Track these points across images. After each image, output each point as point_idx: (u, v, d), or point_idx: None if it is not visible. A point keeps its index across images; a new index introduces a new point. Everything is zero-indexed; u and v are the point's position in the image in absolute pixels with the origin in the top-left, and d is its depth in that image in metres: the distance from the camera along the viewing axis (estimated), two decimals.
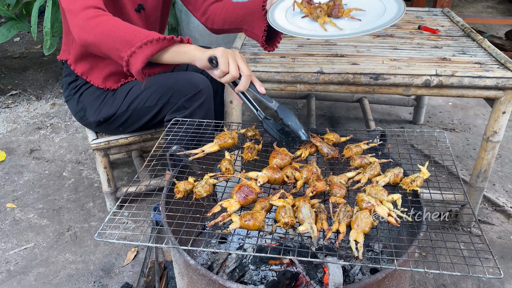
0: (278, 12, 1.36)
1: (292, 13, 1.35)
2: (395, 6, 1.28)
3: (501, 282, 1.70)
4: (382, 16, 1.26)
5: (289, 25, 1.29)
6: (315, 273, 1.28)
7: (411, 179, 1.10)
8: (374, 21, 1.25)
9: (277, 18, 1.32)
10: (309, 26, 1.30)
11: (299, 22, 1.32)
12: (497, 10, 5.39)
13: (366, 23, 1.26)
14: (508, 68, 1.62)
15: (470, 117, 2.94)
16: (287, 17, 1.34)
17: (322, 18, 1.29)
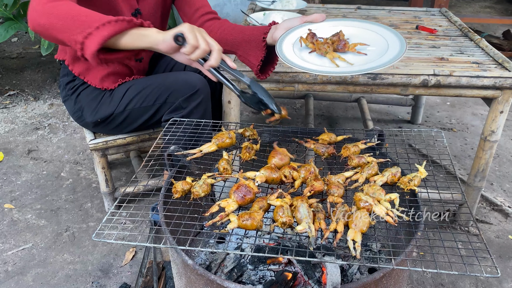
0: (286, 46, 1.32)
1: (299, 48, 1.33)
2: (396, 40, 1.29)
3: (499, 281, 1.70)
4: (386, 50, 1.27)
5: (300, 61, 1.26)
6: (313, 273, 1.28)
7: (408, 178, 1.10)
8: (380, 55, 1.25)
9: (286, 52, 1.29)
10: (319, 61, 1.28)
11: (307, 57, 1.30)
12: (495, 10, 5.41)
13: (372, 57, 1.26)
14: (505, 68, 1.63)
15: (468, 116, 2.95)
16: (295, 51, 1.31)
17: (331, 53, 1.28)
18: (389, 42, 1.31)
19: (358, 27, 1.40)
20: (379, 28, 1.38)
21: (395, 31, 1.35)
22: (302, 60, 1.26)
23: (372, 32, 1.37)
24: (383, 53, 1.26)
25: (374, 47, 1.30)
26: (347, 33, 1.35)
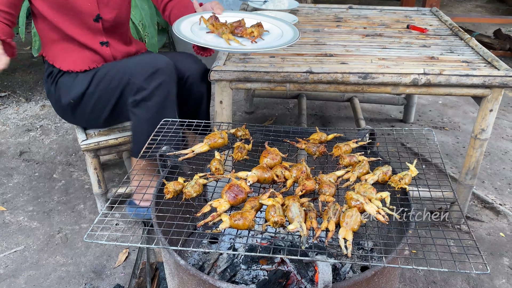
0: (184, 24, 1.51)
1: (198, 27, 1.53)
2: (291, 32, 1.51)
3: (491, 278, 1.71)
4: (280, 39, 1.48)
5: (193, 36, 1.44)
6: (306, 272, 1.28)
7: (399, 177, 1.11)
8: (272, 42, 1.46)
9: (183, 29, 1.47)
10: (214, 40, 1.46)
11: (204, 36, 1.49)
12: (485, 9, 5.45)
13: (265, 43, 1.46)
14: (494, 67, 1.64)
15: (459, 115, 2.97)
16: (192, 30, 1.50)
17: (227, 34, 1.45)
18: (284, 32, 1.52)
19: (262, 21, 1.61)
20: (277, 22, 1.59)
21: (291, 25, 1.56)
22: (196, 36, 1.45)
23: (272, 25, 1.57)
24: (276, 39, 1.48)
25: (269, 36, 1.51)
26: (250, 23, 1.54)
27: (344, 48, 1.85)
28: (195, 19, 1.56)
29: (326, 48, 1.86)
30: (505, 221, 2.01)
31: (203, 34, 1.49)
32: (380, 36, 2.01)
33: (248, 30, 1.47)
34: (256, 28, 1.47)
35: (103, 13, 1.68)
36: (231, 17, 1.59)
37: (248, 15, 1.64)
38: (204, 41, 1.42)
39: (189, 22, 1.54)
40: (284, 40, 1.45)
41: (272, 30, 1.54)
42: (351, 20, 2.25)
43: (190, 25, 1.52)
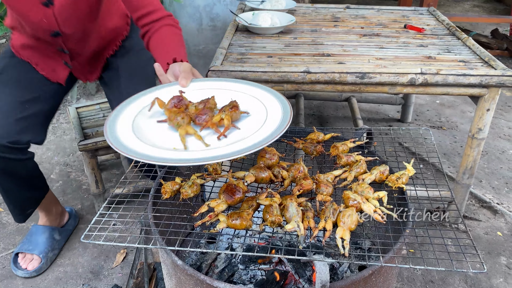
0: (129, 111, 1.10)
1: (148, 115, 1.10)
2: (278, 111, 1.07)
3: (488, 277, 1.72)
4: (260, 127, 1.03)
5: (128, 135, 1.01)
6: (304, 272, 1.29)
7: (396, 176, 1.11)
8: (250, 132, 1.02)
9: (121, 122, 1.06)
10: (162, 138, 1.03)
11: (148, 131, 1.05)
12: (483, 8, 5.46)
13: (236, 138, 1.02)
14: (491, 66, 1.65)
15: (457, 115, 2.98)
16: (136, 122, 1.06)
17: (184, 128, 1.02)
18: (269, 110, 1.08)
19: (242, 92, 1.17)
20: (263, 92, 1.15)
21: (280, 96, 1.13)
22: (134, 135, 1.02)
23: (256, 100, 1.14)
24: (255, 130, 1.02)
25: (247, 123, 1.06)
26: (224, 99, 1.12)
27: (342, 48, 1.85)
28: (152, 96, 1.15)
29: (324, 48, 1.86)
30: (503, 220, 2.01)
31: (152, 124, 1.08)
32: (378, 36, 2.01)
33: (215, 118, 1.03)
34: (227, 114, 1.03)
35: None
36: (203, 90, 1.18)
37: (227, 84, 1.23)
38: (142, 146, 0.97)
39: (138, 106, 1.14)
40: (267, 130, 1.00)
41: (254, 108, 1.12)
42: (349, 20, 2.26)
43: (138, 110, 1.11)
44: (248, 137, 0.99)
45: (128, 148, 0.97)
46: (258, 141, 0.97)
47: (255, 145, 0.95)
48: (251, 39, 1.95)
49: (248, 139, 0.99)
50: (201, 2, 2.95)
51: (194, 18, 3.00)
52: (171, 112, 1.06)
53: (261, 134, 1.00)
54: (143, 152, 0.95)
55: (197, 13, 2.98)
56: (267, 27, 1.98)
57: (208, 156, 0.94)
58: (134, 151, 0.95)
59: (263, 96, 1.16)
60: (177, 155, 0.96)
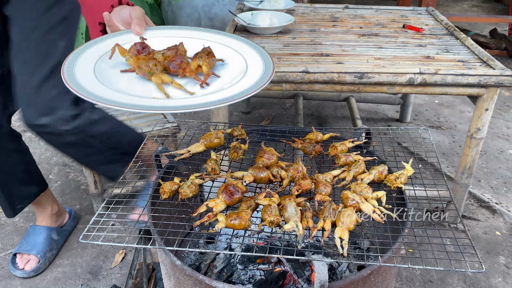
0: (86, 58, 0.95)
1: (110, 61, 0.96)
2: (258, 60, 1.00)
3: (487, 276, 1.72)
4: (243, 75, 0.95)
5: (98, 85, 0.87)
6: (303, 272, 1.28)
7: (395, 176, 1.11)
8: (232, 81, 0.95)
9: (81, 69, 0.91)
10: (135, 87, 0.91)
11: (117, 79, 0.92)
12: (481, 8, 5.47)
13: (221, 87, 0.94)
14: (490, 66, 1.65)
15: (455, 114, 2.98)
16: (97, 68, 0.92)
17: (157, 76, 0.91)
18: (248, 62, 1.00)
19: (210, 41, 1.05)
20: (238, 44, 1.06)
21: (259, 48, 1.04)
22: (102, 85, 0.88)
23: (229, 49, 1.05)
24: (237, 78, 0.94)
25: (226, 72, 0.98)
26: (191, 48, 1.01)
27: (340, 48, 1.85)
28: (105, 46, 1.00)
29: (322, 47, 1.86)
30: (501, 220, 2.02)
31: (116, 74, 0.95)
32: (376, 36, 2.01)
33: (192, 65, 0.94)
34: (204, 60, 0.95)
35: None
36: (161, 38, 1.05)
37: (188, 32, 1.10)
38: (116, 94, 0.86)
39: (95, 52, 0.97)
40: (252, 77, 0.93)
41: (229, 58, 1.04)
42: (347, 20, 2.26)
43: (96, 58, 0.97)
44: (233, 85, 0.91)
45: (107, 98, 0.83)
46: (248, 86, 0.89)
47: (247, 90, 0.87)
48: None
49: (235, 86, 0.90)
50: (199, 2, 2.95)
51: (193, 18, 3.00)
52: (140, 59, 0.93)
53: (248, 80, 0.91)
54: (124, 101, 0.83)
55: (196, 13, 2.98)
56: (265, 27, 1.98)
57: (199, 102, 0.84)
58: (114, 100, 0.82)
59: (234, 44, 1.07)
60: (162, 103, 0.85)
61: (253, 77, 0.93)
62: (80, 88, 0.84)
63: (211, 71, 0.96)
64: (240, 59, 1.02)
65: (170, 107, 0.85)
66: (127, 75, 0.94)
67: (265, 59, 1.01)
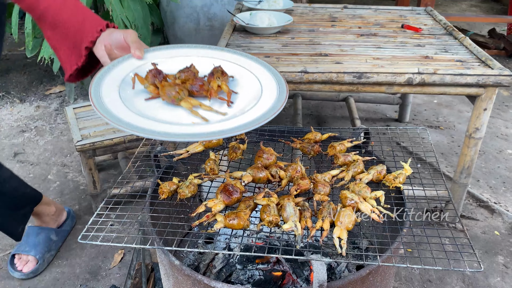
0: (107, 87, 0.95)
1: (130, 91, 0.96)
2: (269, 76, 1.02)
3: (485, 276, 1.72)
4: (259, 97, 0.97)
5: (134, 117, 0.87)
6: (302, 271, 1.29)
7: (393, 176, 1.11)
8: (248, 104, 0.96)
9: (110, 101, 0.91)
10: (169, 114, 0.91)
11: (144, 107, 0.92)
12: (480, 8, 5.47)
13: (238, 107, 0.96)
14: (488, 66, 1.65)
15: (454, 114, 2.98)
16: (123, 97, 0.92)
17: (187, 101, 0.92)
18: (262, 82, 1.02)
19: (216, 58, 1.06)
20: (249, 63, 1.07)
21: (270, 67, 1.06)
22: (137, 115, 0.88)
23: (239, 67, 1.06)
24: (255, 101, 0.96)
25: (241, 92, 1.00)
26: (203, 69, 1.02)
27: (339, 48, 1.85)
28: (119, 74, 1.00)
29: (321, 47, 1.86)
30: (500, 220, 2.02)
31: (141, 102, 0.95)
32: (375, 36, 2.01)
33: (214, 85, 0.97)
34: (222, 79, 0.99)
35: None
36: (162, 59, 1.06)
37: (187, 51, 1.11)
38: (164, 125, 0.87)
39: (112, 80, 0.97)
40: (270, 94, 0.98)
41: (239, 75, 1.06)
42: (346, 20, 2.26)
43: (117, 86, 0.96)
44: (256, 104, 0.94)
45: (152, 130, 0.83)
46: (272, 103, 0.93)
47: (274, 107, 0.91)
48: (248, 39, 1.95)
49: (258, 105, 0.94)
50: (198, 2, 2.95)
51: (192, 18, 2.99)
52: (164, 86, 0.94)
53: (267, 97, 0.96)
54: (174, 131, 0.84)
55: (195, 13, 2.98)
56: (264, 27, 1.98)
57: (240, 124, 0.87)
58: (166, 132, 0.82)
59: (234, 58, 1.10)
60: (209, 128, 0.86)
61: (271, 90, 0.99)
62: (126, 124, 0.84)
63: (231, 89, 0.99)
64: (246, 72, 1.06)
65: (219, 132, 0.86)
66: (151, 102, 0.96)
67: (263, 65, 1.08)
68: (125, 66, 1.02)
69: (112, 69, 0.99)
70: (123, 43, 1.04)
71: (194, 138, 0.83)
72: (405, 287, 1.68)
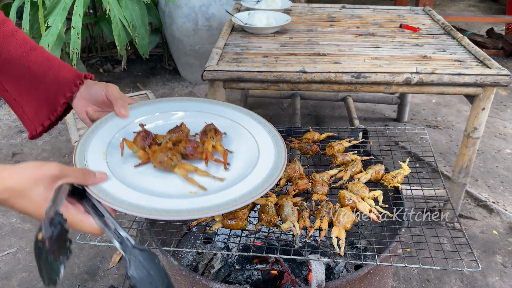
0: (93, 153, 0.85)
1: (118, 159, 0.87)
2: (269, 142, 0.95)
3: (484, 275, 1.72)
4: (256, 161, 0.90)
5: (126, 191, 0.78)
6: (300, 271, 1.28)
7: (391, 175, 1.11)
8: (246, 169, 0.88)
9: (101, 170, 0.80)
10: (160, 182, 0.84)
11: (134, 177, 0.84)
12: (478, 8, 5.48)
13: (235, 172, 0.89)
14: (486, 65, 1.65)
15: (453, 114, 2.99)
16: (112, 168, 0.83)
17: (182, 167, 0.85)
18: (254, 135, 0.97)
19: (204, 112, 1.01)
20: (235, 114, 1.01)
21: (267, 125, 1.00)
22: (131, 189, 0.79)
23: (227, 120, 1.00)
24: (252, 159, 0.90)
25: (234, 148, 0.94)
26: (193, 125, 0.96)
27: (337, 48, 1.85)
28: (105, 137, 0.90)
29: (319, 47, 1.86)
30: (498, 219, 2.02)
31: (131, 170, 0.86)
32: (373, 36, 2.01)
33: (208, 147, 0.89)
34: (217, 140, 0.91)
35: None
36: (148, 116, 0.98)
37: (172, 105, 1.03)
38: (161, 200, 0.78)
39: (98, 146, 0.87)
40: (266, 148, 0.93)
41: (227, 127, 0.99)
42: (344, 20, 2.26)
43: (103, 153, 0.87)
44: (256, 164, 0.88)
45: (150, 208, 0.75)
46: (273, 161, 0.88)
47: (276, 167, 0.86)
48: (246, 39, 1.95)
49: (258, 165, 0.88)
50: (196, 2, 2.95)
51: (190, 18, 2.99)
52: (155, 151, 0.85)
53: (266, 156, 0.90)
54: (172, 207, 0.76)
55: (193, 13, 2.97)
56: (262, 27, 1.98)
57: (244, 192, 0.80)
58: (161, 209, 0.75)
59: (225, 112, 1.02)
60: (211, 200, 0.78)
61: (268, 146, 0.93)
62: (120, 202, 0.75)
63: (226, 149, 0.91)
64: (237, 126, 1.00)
65: (224, 205, 0.77)
66: (140, 168, 0.88)
67: (250, 116, 1.02)
68: (110, 127, 0.92)
69: (96, 132, 0.90)
70: (104, 98, 0.93)
71: (196, 214, 0.75)
72: (403, 286, 1.68)
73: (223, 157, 0.89)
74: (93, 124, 0.92)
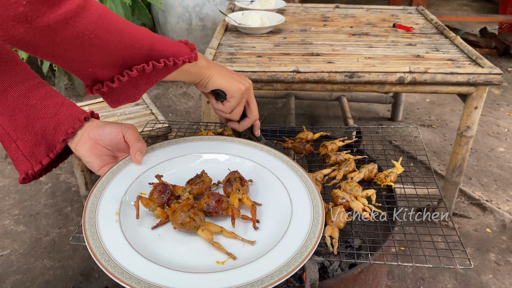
0: (107, 225, 0.74)
1: (133, 220, 0.76)
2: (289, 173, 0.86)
3: (478, 273, 1.73)
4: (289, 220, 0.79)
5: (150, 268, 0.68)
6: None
7: (384, 174, 1.11)
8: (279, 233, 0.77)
9: (117, 252, 0.69)
10: (181, 248, 0.74)
11: (151, 242, 0.74)
12: (472, 7, 5.51)
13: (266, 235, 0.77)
14: (479, 64, 1.66)
15: (446, 113, 3.00)
16: (127, 234, 0.72)
17: (207, 228, 0.74)
18: (288, 189, 0.86)
19: (225, 154, 0.91)
20: (264, 156, 0.91)
21: (293, 165, 0.91)
22: (150, 261, 0.68)
23: (253, 163, 0.90)
24: (285, 221, 0.78)
25: (263, 200, 0.83)
26: (216, 173, 0.86)
27: (331, 47, 1.86)
28: (117, 193, 0.79)
29: (313, 47, 1.86)
30: (492, 217, 2.03)
31: (147, 233, 0.76)
32: (367, 35, 2.02)
33: (234, 202, 0.78)
34: (243, 192, 0.80)
35: None
36: (163, 161, 0.89)
37: (190, 146, 0.96)
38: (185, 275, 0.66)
39: (109, 204, 0.77)
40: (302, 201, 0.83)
41: (254, 174, 0.90)
42: (338, 19, 2.26)
43: (116, 214, 0.76)
44: (291, 220, 0.77)
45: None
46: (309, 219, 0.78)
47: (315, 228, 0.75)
48: (240, 39, 1.95)
49: (293, 222, 0.77)
50: (190, 2, 2.95)
51: (184, 18, 2.99)
52: (174, 210, 0.75)
53: (299, 206, 0.80)
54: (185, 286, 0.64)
55: (187, 13, 2.97)
56: (256, 27, 1.98)
57: (282, 261, 0.69)
58: None
59: (254, 156, 0.94)
60: (243, 275, 0.66)
61: (300, 193, 0.83)
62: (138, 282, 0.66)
63: (254, 202, 0.81)
64: (261, 170, 0.91)
65: (260, 283, 0.65)
66: (159, 229, 0.77)
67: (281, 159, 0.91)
68: (122, 178, 0.81)
69: (107, 187, 0.79)
70: (121, 140, 0.83)
71: None
72: (398, 285, 1.69)
73: (251, 213, 0.78)
74: (104, 175, 0.82)
